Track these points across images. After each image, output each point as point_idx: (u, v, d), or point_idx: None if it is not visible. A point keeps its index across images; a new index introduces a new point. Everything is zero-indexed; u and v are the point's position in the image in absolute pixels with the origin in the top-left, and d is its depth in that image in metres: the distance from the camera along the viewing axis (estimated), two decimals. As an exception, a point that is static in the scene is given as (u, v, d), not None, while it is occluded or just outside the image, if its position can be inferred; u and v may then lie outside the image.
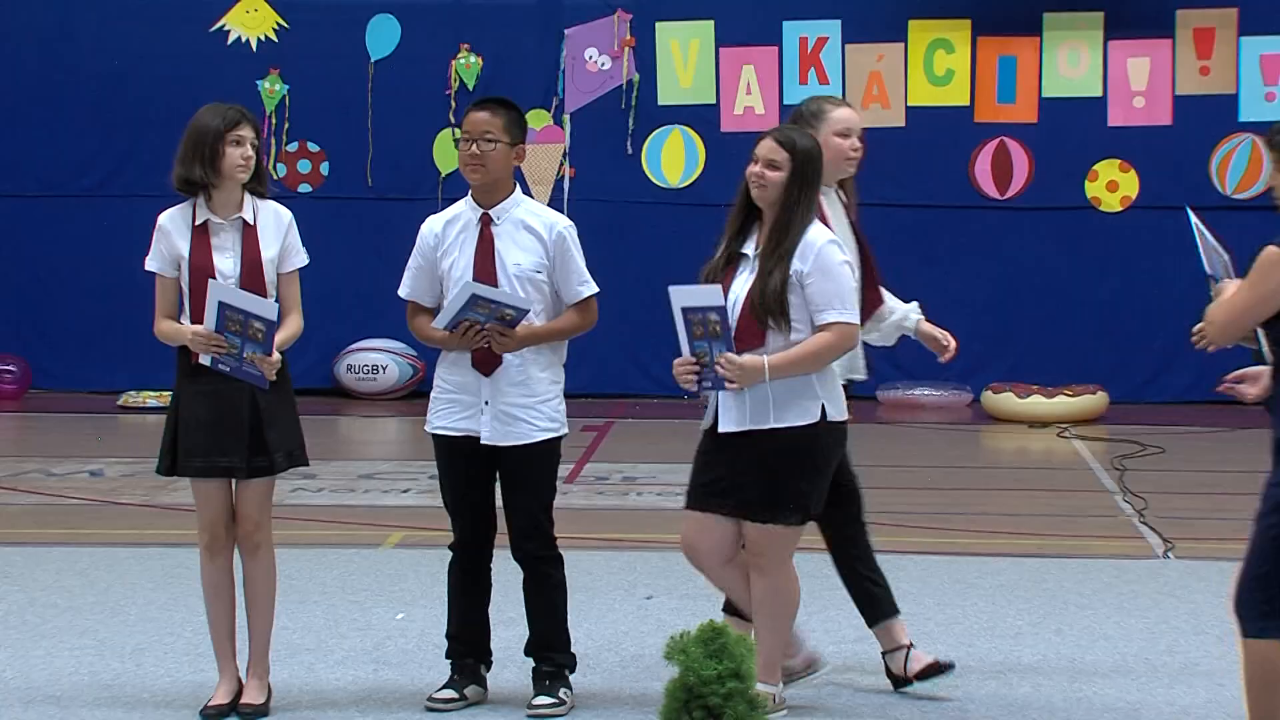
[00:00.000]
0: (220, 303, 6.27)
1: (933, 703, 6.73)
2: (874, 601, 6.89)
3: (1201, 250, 6.08)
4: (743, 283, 6.32)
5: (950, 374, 16.23)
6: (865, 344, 6.86)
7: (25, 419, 15.60)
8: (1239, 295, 5.35)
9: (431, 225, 6.68)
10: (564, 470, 12.06)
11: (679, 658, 5.04)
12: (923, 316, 7.08)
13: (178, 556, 8.88)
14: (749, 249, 6.39)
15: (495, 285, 6.47)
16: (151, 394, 15.45)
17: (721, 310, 6.20)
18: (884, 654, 6.88)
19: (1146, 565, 9.18)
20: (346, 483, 11.78)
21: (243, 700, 6.49)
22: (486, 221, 6.57)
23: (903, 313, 7.02)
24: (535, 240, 6.57)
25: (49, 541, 9.66)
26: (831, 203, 6.74)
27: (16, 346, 16.70)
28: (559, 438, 6.65)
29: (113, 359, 16.39)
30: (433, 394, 6.68)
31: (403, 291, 6.75)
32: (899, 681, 6.83)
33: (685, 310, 6.25)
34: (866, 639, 7.57)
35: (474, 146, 6.55)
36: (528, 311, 6.47)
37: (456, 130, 6.91)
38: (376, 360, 16.28)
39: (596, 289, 6.64)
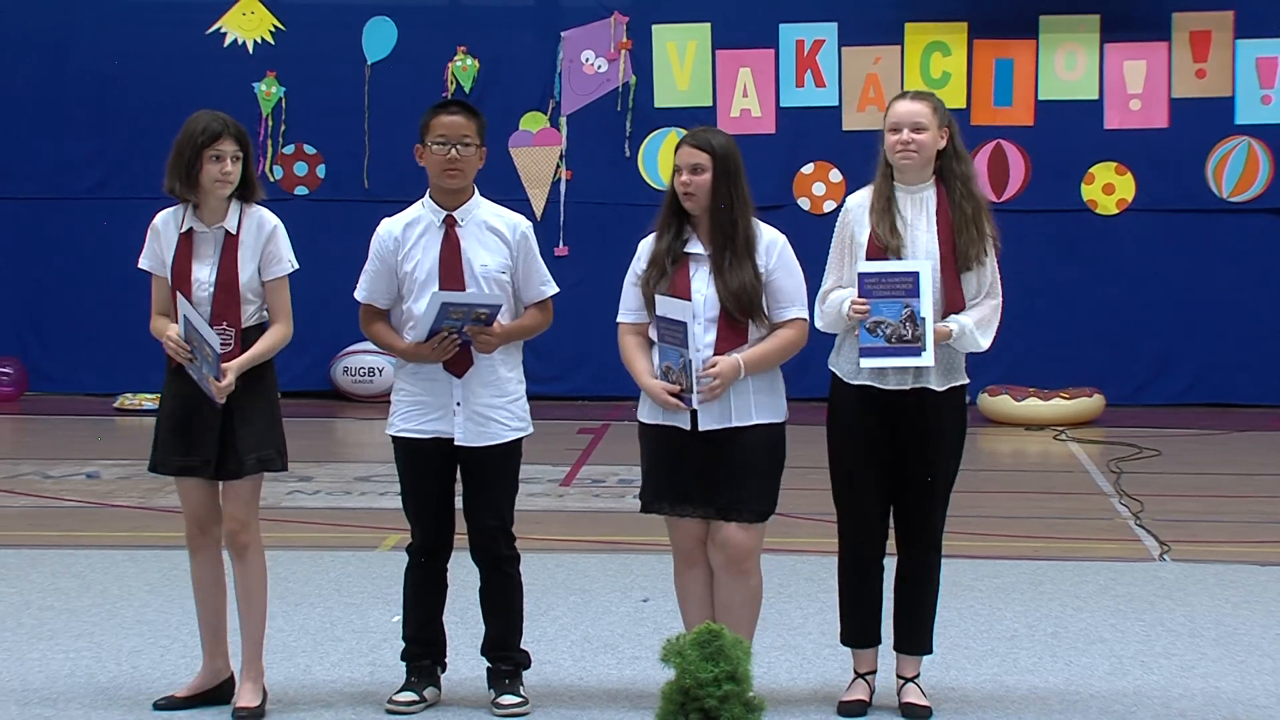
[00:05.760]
0: (184, 316, 6.36)
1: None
2: None
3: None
4: (705, 282, 6.34)
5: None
6: None
7: (22, 421, 15.60)
8: None
9: (390, 228, 6.66)
10: (560, 473, 12.22)
11: (675, 660, 5.04)
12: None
13: (174, 559, 8.85)
14: (695, 248, 6.39)
15: (463, 287, 6.47)
16: (148, 396, 15.45)
17: (684, 325, 6.21)
18: None
19: (1143, 567, 9.18)
20: (343, 485, 11.77)
21: (239, 704, 6.49)
22: (451, 223, 6.57)
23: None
24: (499, 241, 6.58)
25: (45, 544, 9.65)
26: (914, 200, 6.46)
27: (14, 349, 16.72)
28: (525, 437, 6.68)
29: (110, 362, 16.39)
30: (394, 398, 6.68)
31: (359, 295, 6.74)
32: None
33: (660, 319, 6.29)
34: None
35: (453, 150, 6.55)
36: (500, 307, 6.47)
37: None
38: (373, 363, 16.28)
39: (557, 289, 6.68)
